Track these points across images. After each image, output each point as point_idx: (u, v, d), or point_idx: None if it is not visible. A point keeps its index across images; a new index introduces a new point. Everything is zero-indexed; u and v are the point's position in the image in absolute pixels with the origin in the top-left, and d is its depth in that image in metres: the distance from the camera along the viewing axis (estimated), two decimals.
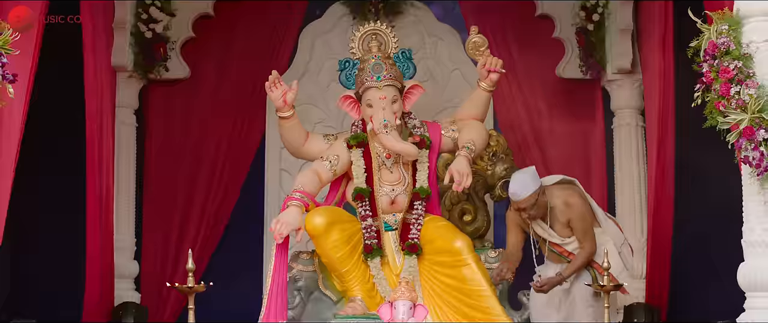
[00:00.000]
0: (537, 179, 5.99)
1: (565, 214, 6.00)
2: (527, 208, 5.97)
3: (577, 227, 5.99)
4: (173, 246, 7.17)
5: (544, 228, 6.07)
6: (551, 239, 6.07)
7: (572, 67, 7.27)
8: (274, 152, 7.32)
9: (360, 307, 5.85)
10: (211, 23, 7.31)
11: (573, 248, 6.05)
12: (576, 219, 5.98)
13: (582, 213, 6.00)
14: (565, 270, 6.02)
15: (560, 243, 6.06)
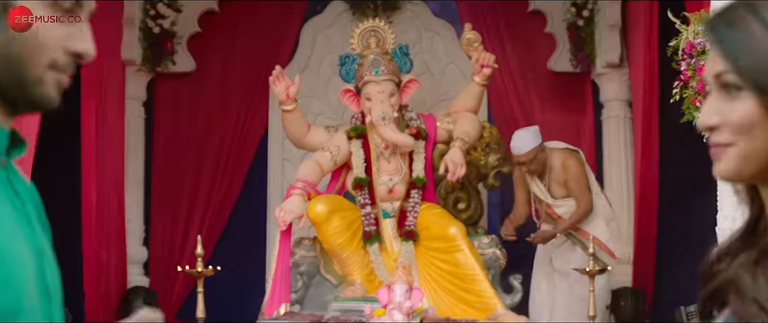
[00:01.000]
0: (538, 137, 6.28)
1: (561, 174, 6.30)
2: (526, 162, 6.27)
3: (573, 186, 6.29)
4: (180, 233, 7.33)
5: (540, 187, 6.34)
6: (544, 199, 6.34)
7: (563, 61, 7.44)
8: (277, 142, 7.47)
9: (359, 290, 6.06)
10: (216, 18, 7.45)
11: (563, 211, 6.31)
12: (572, 180, 6.29)
13: (578, 175, 6.30)
14: (560, 225, 6.28)
15: (551, 204, 6.33)
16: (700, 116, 1.24)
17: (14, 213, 1.28)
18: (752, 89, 1.17)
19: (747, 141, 1.19)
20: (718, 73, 1.21)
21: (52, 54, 1.27)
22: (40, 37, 1.25)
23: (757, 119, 1.18)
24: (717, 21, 1.23)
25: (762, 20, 1.18)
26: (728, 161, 1.20)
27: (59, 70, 1.28)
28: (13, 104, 1.29)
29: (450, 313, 5.95)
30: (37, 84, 1.27)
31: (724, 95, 1.20)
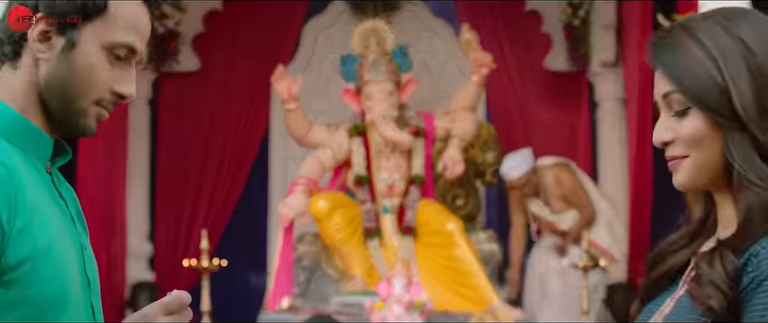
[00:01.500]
0: (529, 160, 6.40)
1: (557, 189, 6.44)
2: (518, 187, 6.39)
3: (571, 199, 6.43)
4: (184, 229, 7.45)
5: (539, 206, 6.48)
6: (546, 217, 6.47)
7: (559, 61, 7.53)
8: (279, 140, 7.58)
9: (360, 284, 6.20)
10: (220, 18, 7.55)
11: (566, 225, 6.45)
12: (568, 193, 6.43)
13: (572, 187, 6.45)
14: (574, 231, 6.42)
15: (554, 221, 6.47)
16: (655, 132, 1.39)
17: (60, 214, 1.45)
18: (697, 107, 1.32)
19: (699, 153, 1.33)
20: (665, 94, 1.35)
21: (100, 92, 1.44)
22: (94, 77, 1.42)
23: (705, 134, 1.32)
24: (659, 45, 1.37)
25: (699, 41, 1.32)
26: (684, 171, 1.35)
27: (102, 106, 1.45)
28: (56, 123, 1.45)
29: (448, 306, 6.09)
30: (82, 115, 1.44)
31: (674, 113, 1.35)
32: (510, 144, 7.27)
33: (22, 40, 1.45)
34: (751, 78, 1.30)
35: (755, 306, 1.22)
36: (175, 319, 1.50)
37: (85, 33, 1.44)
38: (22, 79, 1.45)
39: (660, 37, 1.39)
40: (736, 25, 1.33)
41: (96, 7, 1.43)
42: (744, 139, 1.29)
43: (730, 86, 1.30)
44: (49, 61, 1.45)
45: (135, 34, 1.48)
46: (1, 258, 1.31)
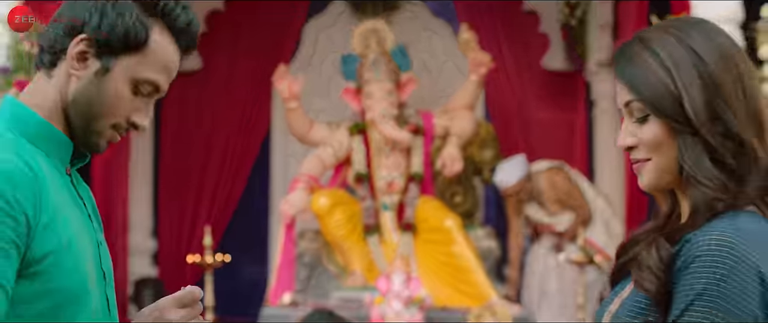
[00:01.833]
0: (523, 168, 6.48)
1: (552, 193, 6.54)
2: (513, 195, 6.49)
3: (566, 201, 6.53)
4: (187, 225, 7.55)
5: (536, 211, 6.58)
6: (542, 220, 6.58)
7: (557, 60, 7.63)
8: (280, 138, 7.68)
9: (360, 280, 6.30)
10: (222, 18, 7.64)
11: (563, 227, 6.55)
12: (564, 195, 6.52)
13: (567, 189, 6.54)
14: (572, 229, 6.52)
15: (552, 223, 6.57)
16: (619, 138, 1.50)
17: (78, 212, 1.56)
18: (654, 114, 1.43)
19: (659, 157, 1.45)
20: (626, 103, 1.46)
21: (118, 119, 1.55)
22: (117, 105, 1.53)
23: (663, 138, 1.44)
24: (618, 58, 1.48)
25: (653, 53, 1.43)
26: (647, 174, 1.47)
27: (116, 131, 1.57)
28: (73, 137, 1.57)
29: (447, 302, 6.18)
30: (97, 135, 1.55)
31: (635, 120, 1.46)
32: (508, 142, 7.37)
33: (61, 53, 1.55)
34: (703, 86, 1.41)
35: (682, 286, 1.34)
36: (187, 313, 1.59)
37: (119, 63, 1.54)
38: (53, 88, 1.56)
39: (621, 49, 1.50)
40: (688, 35, 1.44)
41: (137, 43, 1.53)
42: (696, 143, 1.41)
43: (682, 93, 1.41)
44: (81, 79, 1.54)
45: (164, 74, 1.58)
46: (27, 251, 1.42)
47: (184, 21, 1.56)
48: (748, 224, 1.37)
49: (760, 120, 1.42)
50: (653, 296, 1.38)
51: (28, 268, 1.43)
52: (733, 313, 1.30)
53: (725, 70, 1.42)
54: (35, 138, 1.53)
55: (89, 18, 1.52)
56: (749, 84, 1.43)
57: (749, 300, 1.31)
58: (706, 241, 1.34)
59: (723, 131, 1.41)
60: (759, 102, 1.43)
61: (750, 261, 1.32)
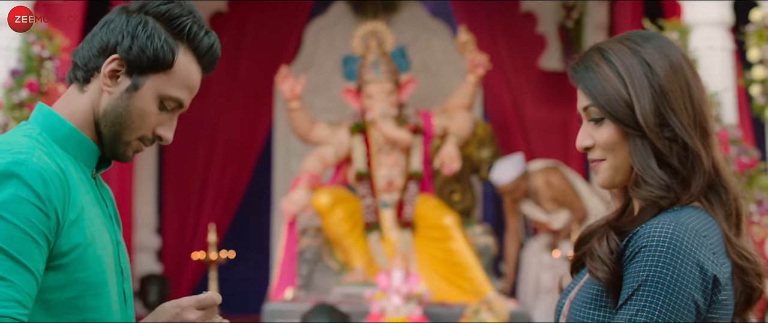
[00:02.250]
0: (519, 166, 6.60)
1: (548, 192, 6.66)
2: (508, 193, 6.61)
3: (561, 200, 6.66)
4: (191, 222, 7.65)
5: (532, 209, 6.71)
6: (539, 219, 6.70)
7: (553, 60, 7.75)
8: (282, 136, 7.80)
9: (360, 276, 6.41)
10: (225, 19, 7.76)
11: (558, 225, 6.68)
12: (558, 194, 6.65)
13: (562, 189, 6.67)
14: (563, 229, 6.66)
15: (547, 221, 6.70)
16: (578, 139, 1.64)
17: (100, 213, 1.71)
18: (608, 118, 1.58)
19: (613, 157, 1.60)
20: (585, 107, 1.61)
21: (145, 131, 1.70)
22: (144, 119, 1.67)
23: (616, 140, 1.59)
24: (577, 65, 1.63)
25: (609, 62, 1.58)
26: (603, 173, 1.62)
27: (142, 142, 1.71)
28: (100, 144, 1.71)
29: (445, 297, 6.29)
30: (125, 145, 1.70)
31: (592, 123, 1.61)
32: (505, 141, 7.48)
33: (94, 70, 1.70)
34: (652, 94, 1.55)
35: (630, 274, 1.49)
36: (204, 315, 1.71)
37: (148, 81, 1.68)
38: (86, 102, 1.70)
39: (579, 58, 1.65)
40: (642, 48, 1.59)
41: (164, 64, 1.68)
42: (645, 146, 1.55)
43: (633, 100, 1.55)
44: (112, 95, 1.69)
45: (187, 92, 1.74)
46: (55, 244, 1.57)
47: (207, 44, 1.71)
48: (689, 218, 1.51)
49: (705, 127, 1.57)
50: (605, 283, 1.52)
51: (55, 260, 1.58)
52: (674, 298, 1.45)
53: (674, 81, 1.56)
54: (65, 143, 1.67)
55: (122, 40, 1.66)
56: (696, 95, 1.58)
57: (689, 286, 1.45)
58: (650, 234, 1.49)
59: (669, 136, 1.55)
60: (705, 111, 1.58)
61: (690, 252, 1.47)
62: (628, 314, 1.47)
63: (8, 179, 1.53)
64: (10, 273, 1.49)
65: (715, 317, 1.50)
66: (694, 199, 1.56)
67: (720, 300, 1.50)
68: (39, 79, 5.00)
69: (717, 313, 1.51)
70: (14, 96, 4.95)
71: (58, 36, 5.09)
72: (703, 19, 5.17)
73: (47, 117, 1.69)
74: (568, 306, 1.62)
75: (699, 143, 1.56)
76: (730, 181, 1.59)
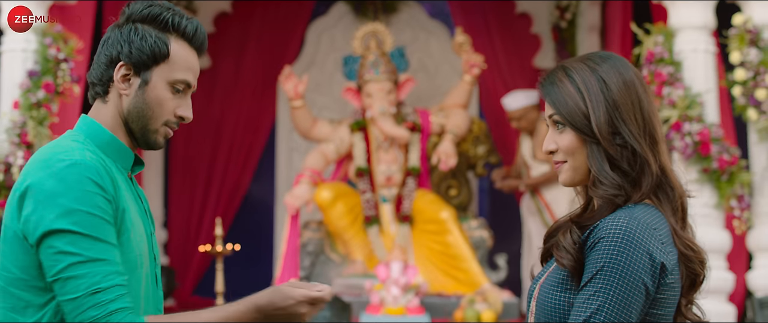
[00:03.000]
0: (532, 97, 6.84)
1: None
2: (515, 120, 6.82)
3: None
4: (196, 216, 7.85)
5: (527, 147, 6.88)
6: (526, 159, 6.86)
7: (548, 59, 7.94)
8: (284, 133, 7.98)
9: (361, 268, 6.63)
10: (229, 19, 7.96)
11: (534, 173, 6.83)
12: None
13: None
14: (527, 180, 6.84)
15: (530, 166, 6.86)
16: (544, 143, 1.89)
17: (137, 208, 1.97)
18: (569, 127, 1.83)
19: (573, 160, 1.85)
20: (550, 116, 1.86)
21: (167, 116, 1.95)
22: (162, 106, 1.93)
23: (576, 146, 1.84)
24: (545, 80, 1.88)
25: (571, 79, 1.83)
26: (564, 173, 1.87)
27: (169, 127, 1.97)
28: (135, 140, 1.97)
29: (441, 288, 6.50)
30: (154, 133, 1.96)
31: (556, 129, 1.86)
32: (500, 138, 7.66)
33: (109, 82, 1.96)
34: (606, 107, 1.80)
35: (590, 261, 1.74)
36: (313, 310, 1.91)
37: (154, 74, 1.95)
38: (111, 109, 1.97)
39: (547, 74, 1.89)
40: (600, 66, 1.83)
41: (161, 55, 1.94)
42: (600, 151, 1.80)
43: (590, 112, 1.80)
44: (129, 95, 1.95)
45: (190, 73, 1.99)
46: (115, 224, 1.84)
47: (191, 29, 1.97)
48: (642, 214, 1.77)
49: (653, 136, 1.82)
50: (570, 269, 1.78)
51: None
52: (626, 281, 1.70)
53: (626, 95, 1.81)
54: (106, 148, 1.93)
55: (122, 48, 1.93)
56: (646, 108, 1.83)
57: (640, 271, 1.71)
58: (608, 227, 1.74)
59: (621, 143, 1.80)
60: (654, 122, 1.83)
61: (641, 242, 1.72)
62: (587, 294, 1.73)
63: (74, 176, 1.79)
64: (103, 253, 1.76)
65: (663, 298, 1.76)
66: (645, 197, 1.81)
67: (668, 283, 1.75)
68: (55, 80, 5.24)
69: (665, 294, 1.76)
70: (31, 96, 5.19)
71: (72, 39, 5.33)
72: (687, 23, 5.39)
73: (90, 126, 1.95)
74: (538, 290, 1.87)
75: (647, 149, 1.80)
76: (676, 181, 1.84)
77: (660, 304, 1.76)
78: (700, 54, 5.39)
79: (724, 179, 5.24)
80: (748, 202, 5.32)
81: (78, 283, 1.75)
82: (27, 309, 1.82)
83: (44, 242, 1.78)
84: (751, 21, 5.30)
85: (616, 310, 1.70)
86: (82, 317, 1.74)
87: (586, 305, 1.72)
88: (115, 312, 1.75)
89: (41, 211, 1.78)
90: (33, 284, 1.81)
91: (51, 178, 1.79)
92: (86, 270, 1.76)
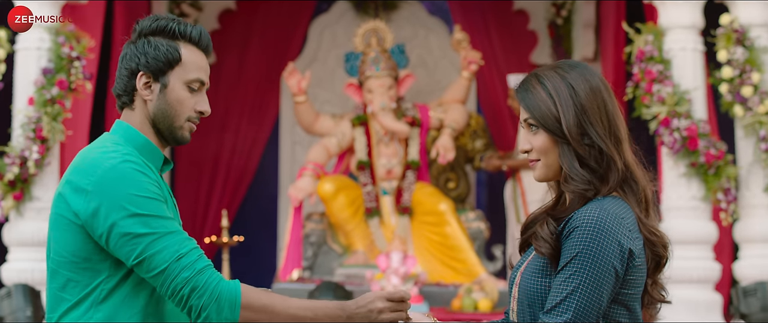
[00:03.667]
0: None
1: None
2: (511, 97, 6.98)
3: None
4: (201, 208, 8.00)
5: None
6: (519, 141, 7.02)
7: (544, 55, 8.11)
8: (287, 127, 8.14)
9: (362, 258, 6.79)
10: (234, 16, 8.12)
11: (520, 157, 6.97)
12: None
13: None
14: (510, 161, 7.01)
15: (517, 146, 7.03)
16: (520, 144, 2.10)
17: (171, 205, 2.19)
18: (542, 129, 2.03)
19: (546, 158, 2.06)
20: (525, 119, 2.07)
21: (188, 112, 2.17)
22: (182, 104, 2.15)
23: (548, 146, 2.04)
24: (520, 87, 2.08)
25: (543, 85, 2.03)
26: (538, 170, 2.08)
27: (191, 122, 2.18)
28: (163, 139, 2.19)
29: (440, 278, 6.66)
30: (179, 129, 2.18)
31: (530, 131, 2.06)
32: (498, 133, 7.82)
33: (133, 91, 2.18)
34: (575, 111, 2.01)
35: (565, 248, 1.95)
36: (396, 316, 2.08)
37: (171, 78, 2.17)
38: (139, 115, 2.19)
39: (522, 82, 2.09)
40: (569, 74, 2.04)
41: (175, 60, 2.17)
42: (570, 150, 2.01)
43: (560, 115, 2.00)
44: (153, 100, 2.18)
45: (202, 72, 2.22)
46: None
47: (197, 34, 2.20)
48: (611, 205, 1.98)
49: (617, 136, 2.02)
50: (548, 257, 1.99)
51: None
52: (598, 265, 1.92)
53: (593, 100, 2.02)
54: (142, 150, 2.16)
55: (139, 60, 2.16)
56: (611, 111, 2.03)
57: (610, 256, 1.92)
58: (581, 218, 1.95)
59: (588, 143, 2.01)
60: (618, 123, 2.03)
61: (610, 231, 1.93)
62: (563, 277, 1.94)
63: (127, 171, 2.03)
64: (171, 226, 2.02)
65: (632, 279, 1.97)
66: (613, 190, 2.02)
67: (635, 266, 1.97)
68: (68, 77, 5.44)
69: (634, 276, 1.98)
70: (46, 93, 5.40)
71: (84, 37, 5.53)
72: (676, 22, 5.58)
73: (126, 130, 2.18)
74: (520, 277, 2.08)
75: (613, 148, 2.01)
76: (639, 175, 2.05)
77: (629, 285, 1.98)
78: (688, 52, 5.57)
79: (711, 173, 5.43)
80: (734, 195, 5.51)
81: (162, 256, 1.99)
82: (74, 288, 2.05)
83: (115, 231, 2.00)
84: (738, 21, 5.49)
85: (589, 291, 1.91)
86: (177, 281, 1.96)
87: (563, 286, 1.93)
88: (203, 269, 1.98)
89: (108, 205, 2.01)
90: (82, 266, 2.05)
91: (108, 174, 2.03)
92: (164, 243, 1.99)
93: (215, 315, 1.95)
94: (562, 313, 1.92)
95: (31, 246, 5.43)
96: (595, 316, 1.92)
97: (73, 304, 2.04)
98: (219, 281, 1.97)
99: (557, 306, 1.93)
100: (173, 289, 1.96)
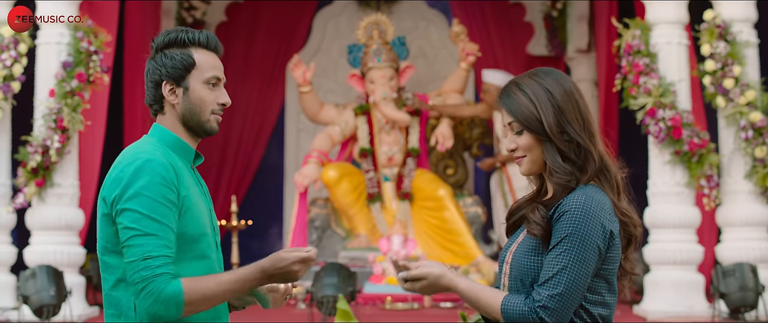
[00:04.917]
0: (499, 80, 7.18)
1: None
2: (486, 93, 7.17)
3: None
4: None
5: (499, 120, 7.30)
6: (497, 132, 7.26)
7: (540, 46, 8.39)
8: (292, 115, 8.41)
9: (364, 241, 7.08)
10: (241, 9, 8.38)
11: (503, 149, 7.22)
12: None
13: None
14: (501, 156, 7.23)
15: (501, 140, 7.26)
16: (506, 144, 2.38)
17: (198, 191, 2.50)
18: (525, 130, 2.32)
19: (530, 155, 2.34)
20: (509, 123, 2.35)
21: (211, 106, 2.48)
22: (205, 101, 2.45)
23: (532, 144, 2.32)
24: (502, 95, 2.35)
25: (524, 92, 2.31)
26: (524, 166, 2.37)
27: (216, 114, 2.49)
28: (195, 133, 2.50)
29: (438, 260, 6.81)
30: (207, 122, 2.48)
31: (514, 132, 2.35)
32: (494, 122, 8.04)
33: (161, 99, 2.50)
34: (554, 112, 2.28)
35: (556, 230, 2.22)
36: (304, 267, 2.37)
37: (191, 80, 2.48)
38: (170, 118, 2.50)
39: (504, 88, 2.36)
40: (544, 80, 2.31)
41: (190, 65, 2.47)
42: (552, 147, 2.29)
43: (541, 117, 2.28)
44: (179, 103, 2.49)
45: (216, 70, 2.52)
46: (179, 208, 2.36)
47: (204, 38, 2.51)
48: (594, 193, 2.27)
49: (591, 131, 2.31)
50: (540, 237, 2.28)
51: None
52: (584, 246, 2.20)
53: (567, 101, 2.30)
54: (174, 147, 2.46)
55: (161, 72, 2.47)
56: (584, 109, 2.31)
57: (595, 237, 2.21)
58: (570, 203, 2.24)
59: (567, 139, 2.29)
60: (590, 120, 2.32)
61: (595, 215, 2.22)
62: (554, 254, 2.23)
63: (146, 170, 2.33)
64: (157, 230, 2.29)
65: (612, 256, 2.27)
66: (591, 179, 2.30)
67: (614, 245, 2.27)
68: (87, 71, 5.74)
69: (613, 253, 2.27)
70: (66, 85, 5.70)
71: (102, 33, 5.82)
72: (662, 18, 5.84)
73: (160, 131, 2.49)
74: (511, 256, 2.37)
75: (588, 142, 2.29)
76: (611, 164, 2.34)
77: (609, 260, 2.28)
78: (673, 46, 5.83)
79: (694, 161, 5.70)
80: (716, 181, 5.80)
81: (136, 250, 2.30)
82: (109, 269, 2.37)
83: (118, 218, 2.32)
84: (720, 17, 5.76)
85: (578, 267, 2.21)
86: (136, 276, 2.29)
87: (554, 263, 2.23)
88: (159, 275, 2.28)
89: (120, 195, 2.32)
90: (112, 249, 2.36)
91: (130, 170, 2.33)
92: (143, 241, 2.30)
93: (164, 315, 2.27)
94: (555, 286, 2.21)
95: (52, 230, 5.71)
96: (582, 288, 2.22)
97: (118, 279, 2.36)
98: (164, 287, 2.27)
99: (550, 279, 2.22)
100: (133, 281, 2.29)
